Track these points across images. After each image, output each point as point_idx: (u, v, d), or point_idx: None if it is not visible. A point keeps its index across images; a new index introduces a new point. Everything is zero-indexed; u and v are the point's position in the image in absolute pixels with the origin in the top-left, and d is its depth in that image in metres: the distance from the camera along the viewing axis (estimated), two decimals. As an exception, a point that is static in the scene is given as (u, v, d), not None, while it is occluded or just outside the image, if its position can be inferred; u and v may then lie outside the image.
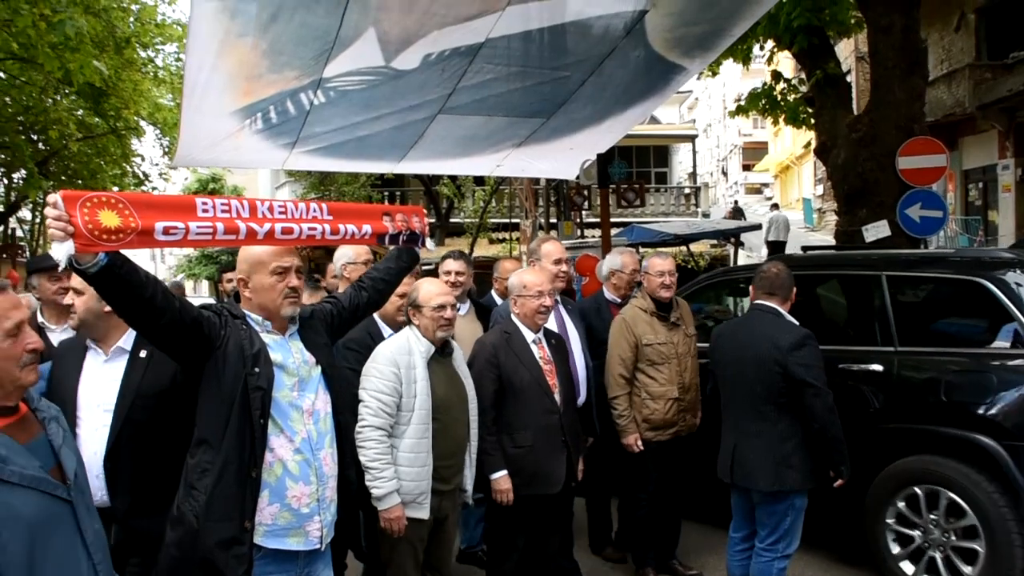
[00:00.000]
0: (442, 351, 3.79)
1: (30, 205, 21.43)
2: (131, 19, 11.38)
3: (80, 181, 19.37)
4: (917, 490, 4.60)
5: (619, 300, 5.20)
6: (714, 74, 12.92)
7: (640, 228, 13.57)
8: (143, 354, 3.23)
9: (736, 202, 26.25)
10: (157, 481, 3.07)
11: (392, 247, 3.60)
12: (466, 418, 3.88)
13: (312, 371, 3.07)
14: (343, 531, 3.19)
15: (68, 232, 2.36)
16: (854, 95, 23.48)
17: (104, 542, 2.25)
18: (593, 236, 15.22)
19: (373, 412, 3.56)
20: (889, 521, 4.73)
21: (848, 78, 24.16)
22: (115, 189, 20.25)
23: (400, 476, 3.53)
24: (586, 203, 10.41)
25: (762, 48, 10.50)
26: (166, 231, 2.64)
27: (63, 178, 19.51)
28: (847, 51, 22.72)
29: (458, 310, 4.91)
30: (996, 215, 17.55)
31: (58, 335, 4.31)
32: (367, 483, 3.53)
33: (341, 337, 3.61)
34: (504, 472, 4.02)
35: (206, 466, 2.81)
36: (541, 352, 4.21)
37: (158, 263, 64.06)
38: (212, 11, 5.84)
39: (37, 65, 9.02)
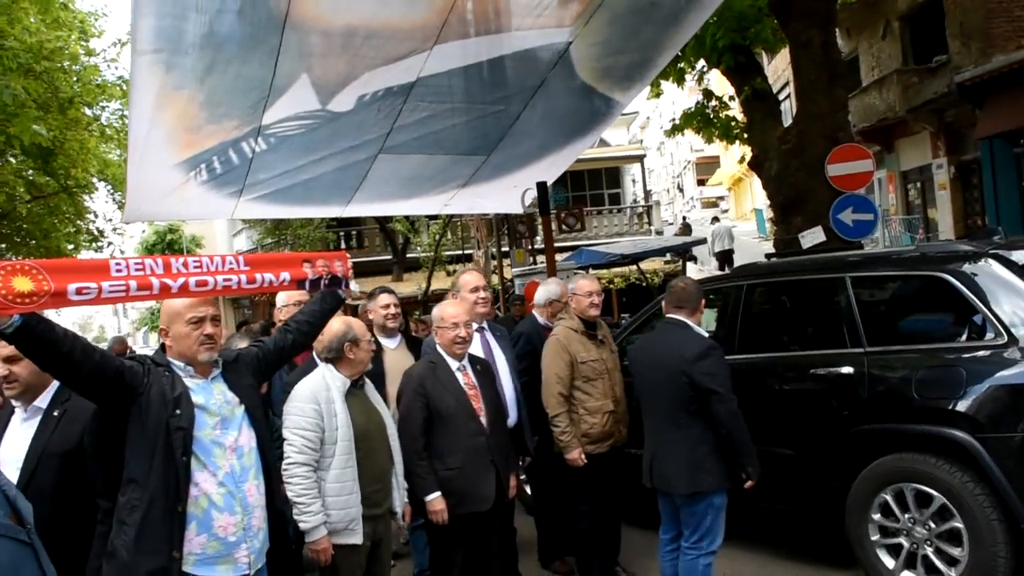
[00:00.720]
0: (355, 384, 3.94)
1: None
2: (73, 79, 11.48)
3: (33, 241, 19.29)
4: (892, 491, 4.54)
5: (552, 325, 5.35)
6: (657, 95, 13.25)
7: (588, 251, 13.85)
8: (56, 413, 3.30)
9: (685, 218, 26.78)
10: (61, 539, 3.07)
11: (313, 292, 3.73)
12: (387, 444, 4.01)
13: (235, 410, 3.23)
14: (281, 566, 3.35)
15: None
16: (792, 105, 24.12)
17: None
18: (544, 260, 15.48)
19: (298, 449, 3.67)
20: (873, 519, 4.66)
21: (786, 90, 24.80)
22: (70, 247, 20.16)
23: (328, 507, 3.67)
24: (527, 231, 10.63)
25: (692, 68, 10.84)
26: (79, 291, 2.81)
27: (16, 239, 19.41)
28: (781, 65, 23.28)
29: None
30: (935, 212, 18.11)
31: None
32: (295, 516, 3.63)
33: (268, 378, 3.74)
34: (437, 494, 4.16)
35: (135, 503, 2.95)
36: (466, 379, 4.35)
37: (120, 317, 63.62)
38: (147, 64, 5.97)
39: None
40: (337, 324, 3.87)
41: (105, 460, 3.12)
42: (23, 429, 3.18)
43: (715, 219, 23.40)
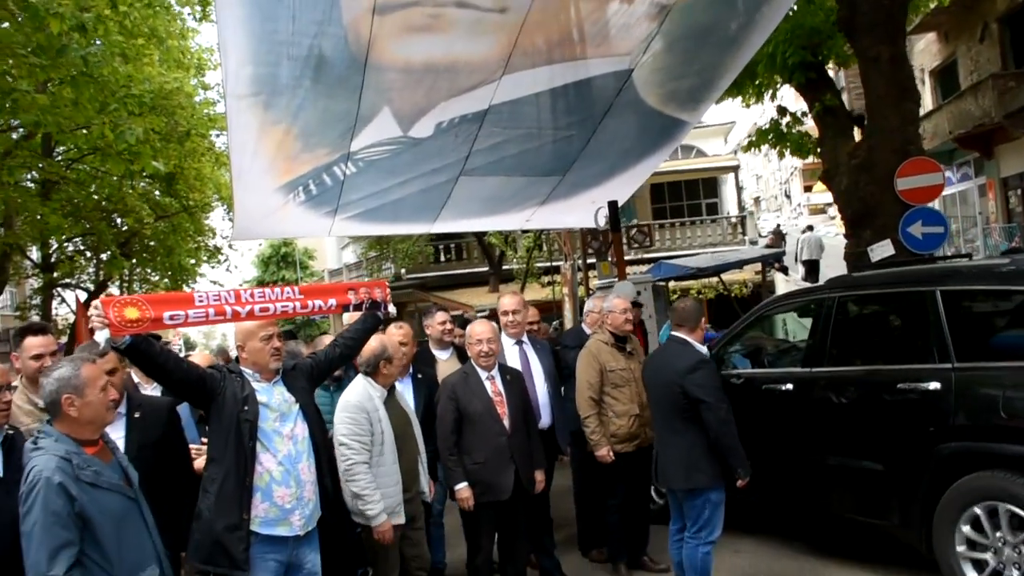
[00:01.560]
0: (391, 392, 4.57)
1: (116, 283, 23.01)
2: (189, 114, 12.68)
3: (158, 257, 20.86)
4: (986, 508, 4.41)
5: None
6: (748, 105, 13.40)
7: (666, 264, 14.12)
8: (136, 415, 4.00)
9: (778, 226, 26.49)
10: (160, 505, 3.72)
11: (357, 313, 4.43)
12: (415, 440, 4.65)
13: (292, 407, 3.93)
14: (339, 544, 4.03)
15: (104, 324, 3.40)
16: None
17: (156, 529, 3.23)
18: (633, 274, 15.79)
19: (356, 451, 4.28)
20: (962, 532, 4.52)
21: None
22: (191, 262, 21.66)
23: (384, 493, 4.30)
24: (601, 246, 11.06)
25: (769, 86, 11.03)
26: (171, 318, 3.72)
27: (144, 255, 21.04)
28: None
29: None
30: (1036, 220, 17.54)
31: (149, 391, 5.10)
32: (361, 508, 4.25)
33: (320, 383, 4.41)
34: (464, 484, 4.73)
35: (214, 476, 3.73)
36: (493, 387, 4.87)
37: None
38: (248, 106, 6.78)
39: (107, 154, 10.31)
40: (375, 343, 4.49)
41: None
42: (113, 430, 3.88)
43: (809, 227, 23.24)
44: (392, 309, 4.48)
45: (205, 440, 4.12)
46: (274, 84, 6.55)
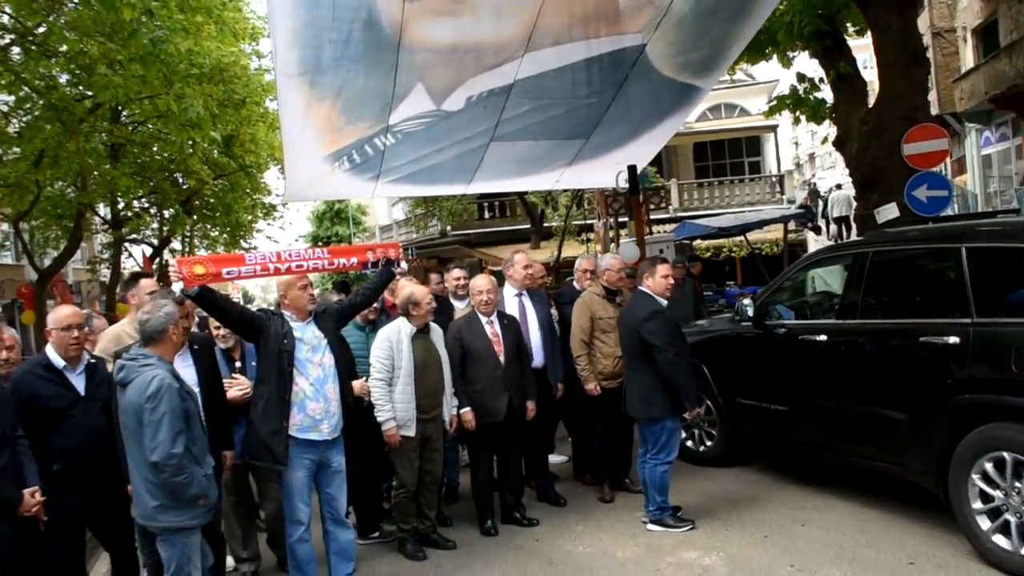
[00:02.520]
0: (422, 331, 5.38)
1: (179, 238, 24.27)
2: (244, 84, 13.60)
3: (218, 214, 22.02)
4: (993, 458, 4.53)
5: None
6: (787, 66, 13.73)
7: (690, 224, 14.67)
8: (196, 347, 4.81)
9: (814, 184, 26.56)
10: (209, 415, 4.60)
11: (372, 269, 5.34)
12: (440, 374, 5.47)
13: (321, 342, 4.86)
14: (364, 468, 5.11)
15: (179, 278, 4.44)
16: (933, 71, 23.51)
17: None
18: (661, 232, 16.42)
19: (377, 371, 5.26)
20: (974, 481, 4.62)
21: (928, 54, 24.21)
22: (248, 218, 22.78)
23: (396, 409, 5.25)
24: (622, 207, 11.64)
25: (793, 50, 11.41)
26: (227, 272, 4.76)
27: (205, 212, 22.22)
28: (923, 27, 22.70)
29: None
30: (1072, 180, 17.46)
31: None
32: (375, 414, 5.24)
33: (345, 324, 5.32)
34: (468, 408, 5.63)
35: (261, 393, 4.72)
36: (492, 330, 5.73)
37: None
38: (296, 84, 7.57)
39: (167, 122, 11.30)
40: (407, 291, 5.37)
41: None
42: (183, 359, 4.66)
43: (838, 186, 23.39)
44: (404, 266, 5.42)
45: (234, 375, 5.08)
46: (318, 65, 7.31)
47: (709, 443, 7.16)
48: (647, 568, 4.84)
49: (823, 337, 5.88)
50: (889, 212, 9.75)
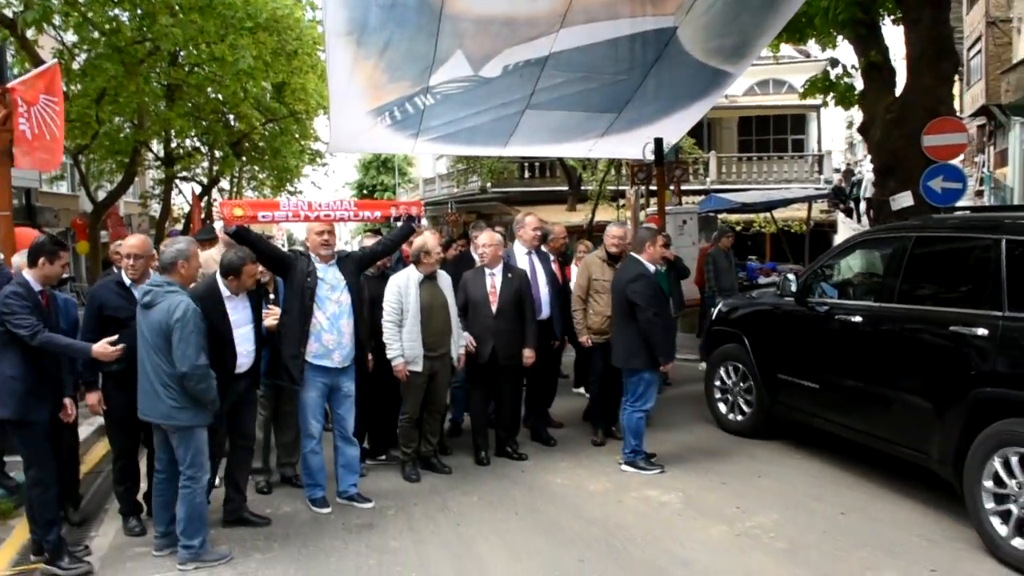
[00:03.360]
0: (429, 278, 5.94)
1: (227, 178, 25.02)
2: (294, 36, 14.13)
3: (266, 158, 22.67)
4: (1000, 456, 4.48)
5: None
6: (834, 46, 13.87)
7: (716, 197, 14.97)
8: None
9: (849, 165, 26.44)
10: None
11: (397, 223, 5.95)
12: (446, 315, 6.00)
13: (340, 282, 5.43)
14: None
15: (220, 217, 5.24)
16: (983, 60, 23.25)
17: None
18: (692, 202, 16.72)
19: (387, 312, 5.81)
20: (986, 483, 4.55)
21: (978, 46, 23.93)
22: (295, 163, 23.40)
23: (404, 347, 5.82)
24: (645, 178, 12.02)
25: (824, 36, 11.63)
26: (263, 216, 5.51)
27: (254, 155, 22.88)
28: (977, 16, 22.40)
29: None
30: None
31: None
32: (386, 351, 5.80)
33: (364, 269, 5.91)
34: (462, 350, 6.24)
35: (285, 322, 5.34)
36: (491, 282, 6.30)
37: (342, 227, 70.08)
38: (344, 43, 8.06)
39: (219, 64, 11.91)
40: (419, 241, 5.89)
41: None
42: (241, 303, 5.20)
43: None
44: (424, 222, 5.95)
45: (269, 306, 5.51)
46: (364, 26, 7.76)
47: (743, 415, 7.20)
48: (612, 500, 5.45)
49: (859, 318, 5.87)
50: (904, 200, 10.04)
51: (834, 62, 11.72)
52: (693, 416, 7.71)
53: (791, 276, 6.81)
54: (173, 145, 20.36)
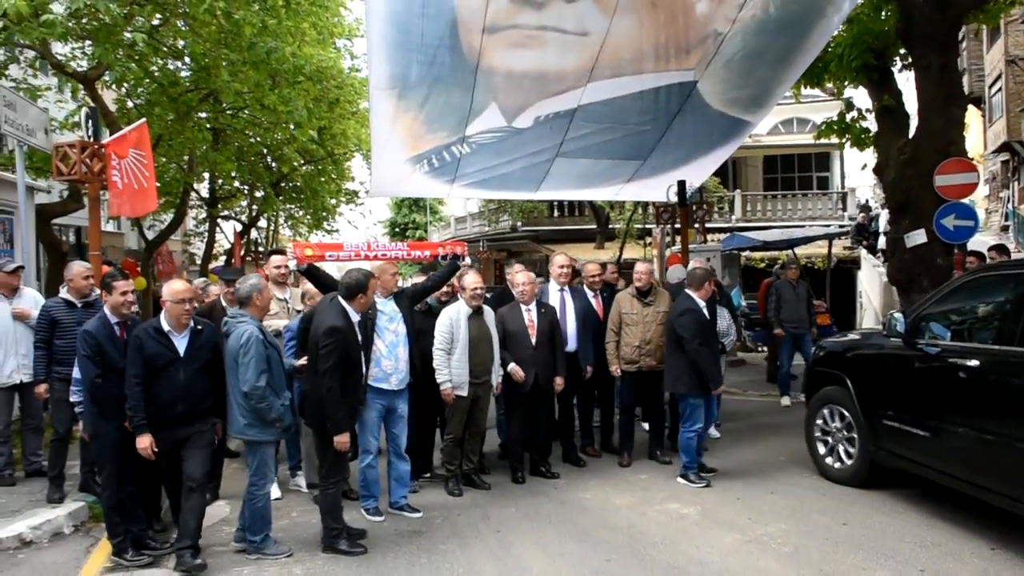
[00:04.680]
0: (476, 313, 6.49)
1: (266, 217, 25.92)
2: (336, 84, 15.06)
3: (303, 197, 23.52)
4: None
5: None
6: (841, 94, 14.42)
7: (739, 236, 15.46)
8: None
9: (867, 201, 26.89)
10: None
11: (444, 261, 6.71)
12: (490, 348, 6.56)
13: (396, 314, 6.05)
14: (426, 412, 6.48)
15: (293, 256, 6.07)
16: (1004, 98, 23.63)
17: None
18: (715, 241, 17.22)
19: (439, 342, 6.33)
20: None
21: (998, 84, 24.33)
22: (332, 202, 24.22)
23: (452, 373, 6.35)
24: (669, 217, 12.60)
25: (838, 82, 12.22)
26: (329, 256, 6.28)
27: (293, 195, 23.76)
28: (997, 55, 22.85)
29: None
30: None
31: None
32: (436, 376, 6.32)
33: (417, 303, 6.54)
34: (502, 373, 6.71)
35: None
36: (528, 317, 6.84)
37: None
38: (386, 97, 8.76)
39: (268, 111, 12.74)
40: (461, 278, 6.52)
41: None
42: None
43: (884, 205, 24.31)
44: (468, 260, 6.67)
45: None
46: (405, 81, 8.46)
47: (846, 462, 6.65)
48: (636, 512, 5.95)
49: (975, 362, 5.34)
50: (918, 237, 10.50)
51: (849, 105, 12.28)
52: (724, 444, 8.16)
53: (898, 315, 6.22)
54: (217, 185, 21.29)
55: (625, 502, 6.20)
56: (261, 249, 27.30)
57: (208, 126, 15.07)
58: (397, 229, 47.44)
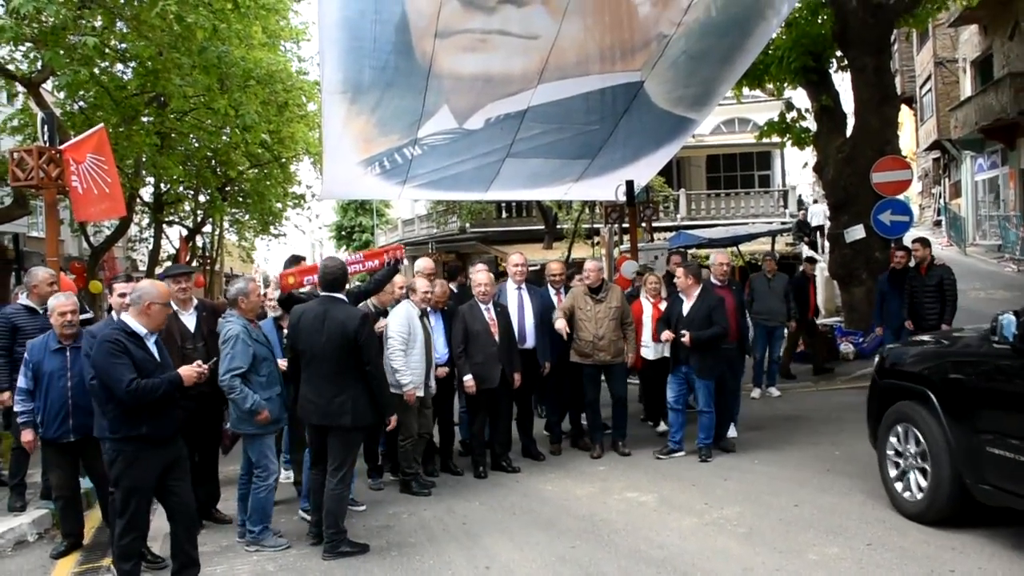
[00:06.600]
0: (424, 313, 6.64)
1: (211, 222, 25.59)
2: (284, 87, 14.99)
3: (250, 202, 23.30)
4: None
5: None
6: (780, 95, 14.84)
7: (685, 234, 15.88)
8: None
9: (800, 197, 27.95)
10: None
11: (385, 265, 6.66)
12: (431, 348, 6.61)
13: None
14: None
15: (279, 286, 6.33)
16: (934, 98, 24.53)
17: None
18: (663, 239, 17.59)
19: (399, 343, 6.28)
20: None
21: (928, 84, 25.24)
22: (278, 206, 24.05)
23: (412, 372, 6.34)
24: (618, 217, 12.86)
25: (778, 82, 12.64)
26: (308, 280, 6.27)
27: (239, 199, 23.52)
28: (927, 57, 23.72)
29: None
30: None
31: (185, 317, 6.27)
32: (397, 377, 6.23)
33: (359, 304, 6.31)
34: (469, 376, 6.79)
35: None
36: (488, 315, 6.94)
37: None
38: (339, 100, 8.81)
39: (216, 114, 12.66)
40: (412, 281, 6.65)
41: None
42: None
43: (815, 201, 25.83)
44: (406, 263, 6.78)
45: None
46: (358, 86, 8.53)
47: (925, 494, 5.22)
48: (597, 501, 6.11)
49: None
50: (856, 232, 10.95)
51: (789, 106, 12.70)
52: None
53: (1009, 316, 4.73)
54: (163, 190, 20.97)
55: (586, 492, 6.36)
56: (207, 254, 27.00)
57: (155, 131, 14.90)
58: (344, 233, 47.19)
